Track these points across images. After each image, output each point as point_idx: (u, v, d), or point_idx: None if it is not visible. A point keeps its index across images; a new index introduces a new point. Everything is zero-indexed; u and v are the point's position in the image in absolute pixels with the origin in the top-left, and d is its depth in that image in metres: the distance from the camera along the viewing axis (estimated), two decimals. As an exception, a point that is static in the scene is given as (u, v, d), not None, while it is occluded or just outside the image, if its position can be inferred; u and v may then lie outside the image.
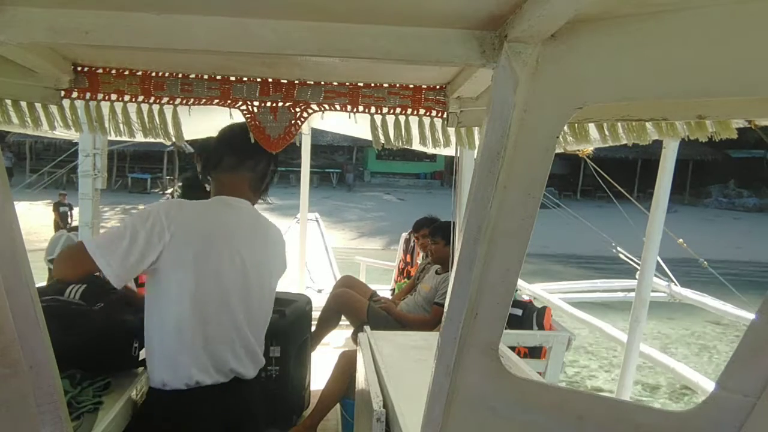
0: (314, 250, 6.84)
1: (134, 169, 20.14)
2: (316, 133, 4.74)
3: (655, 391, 6.21)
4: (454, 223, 2.54)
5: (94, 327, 1.59)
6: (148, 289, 1.46)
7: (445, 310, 0.91)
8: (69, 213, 12.28)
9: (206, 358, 1.46)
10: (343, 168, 24.48)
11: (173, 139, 1.49)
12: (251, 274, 1.53)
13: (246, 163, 1.57)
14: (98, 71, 1.41)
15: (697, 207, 22.52)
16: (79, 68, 1.40)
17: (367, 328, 2.25)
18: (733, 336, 8.21)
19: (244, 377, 1.57)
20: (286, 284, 5.34)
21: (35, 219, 13.29)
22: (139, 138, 1.56)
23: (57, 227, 11.17)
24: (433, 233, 3.57)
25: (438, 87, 1.54)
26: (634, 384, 6.08)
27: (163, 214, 1.38)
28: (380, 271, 6.47)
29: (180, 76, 1.45)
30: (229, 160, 1.56)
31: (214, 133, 1.62)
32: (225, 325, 1.49)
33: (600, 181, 3.56)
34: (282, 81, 1.49)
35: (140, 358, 1.68)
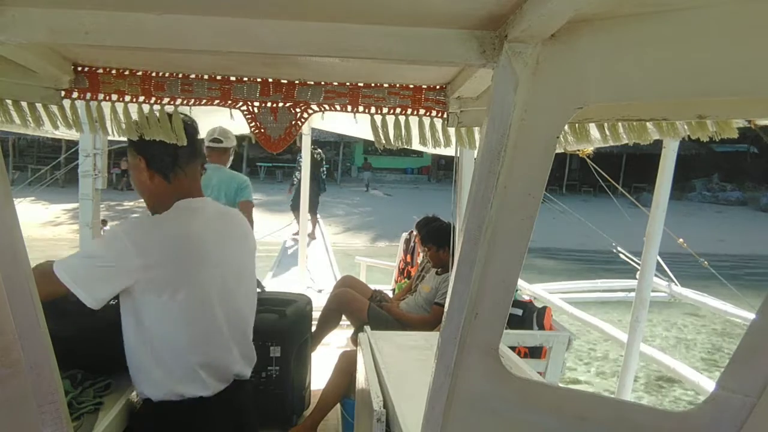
0: (315, 249, 6.86)
1: (117, 165, 19.84)
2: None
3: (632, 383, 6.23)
4: (453, 223, 2.54)
5: (95, 324, 1.58)
6: (125, 310, 1.38)
7: (446, 310, 0.91)
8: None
9: (203, 372, 1.41)
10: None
11: (174, 140, 1.48)
12: (231, 275, 1.49)
13: (199, 149, 1.47)
14: (98, 71, 1.41)
15: (681, 201, 22.28)
16: (79, 68, 1.40)
17: (367, 328, 2.25)
18: (711, 329, 8.34)
19: (244, 378, 1.56)
20: (287, 284, 5.36)
21: (19, 217, 13.14)
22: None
23: None
24: (425, 240, 3.55)
25: (438, 87, 1.54)
26: (612, 376, 6.10)
27: (128, 240, 1.32)
28: (376, 268, 6.46)
29: (180, 76, 1.44)
30: (185, 151, 1.44)
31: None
32: (217, 336, 1.44)
33: (597, 176, 3.58)
34: (282, 81, 1.49)
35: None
